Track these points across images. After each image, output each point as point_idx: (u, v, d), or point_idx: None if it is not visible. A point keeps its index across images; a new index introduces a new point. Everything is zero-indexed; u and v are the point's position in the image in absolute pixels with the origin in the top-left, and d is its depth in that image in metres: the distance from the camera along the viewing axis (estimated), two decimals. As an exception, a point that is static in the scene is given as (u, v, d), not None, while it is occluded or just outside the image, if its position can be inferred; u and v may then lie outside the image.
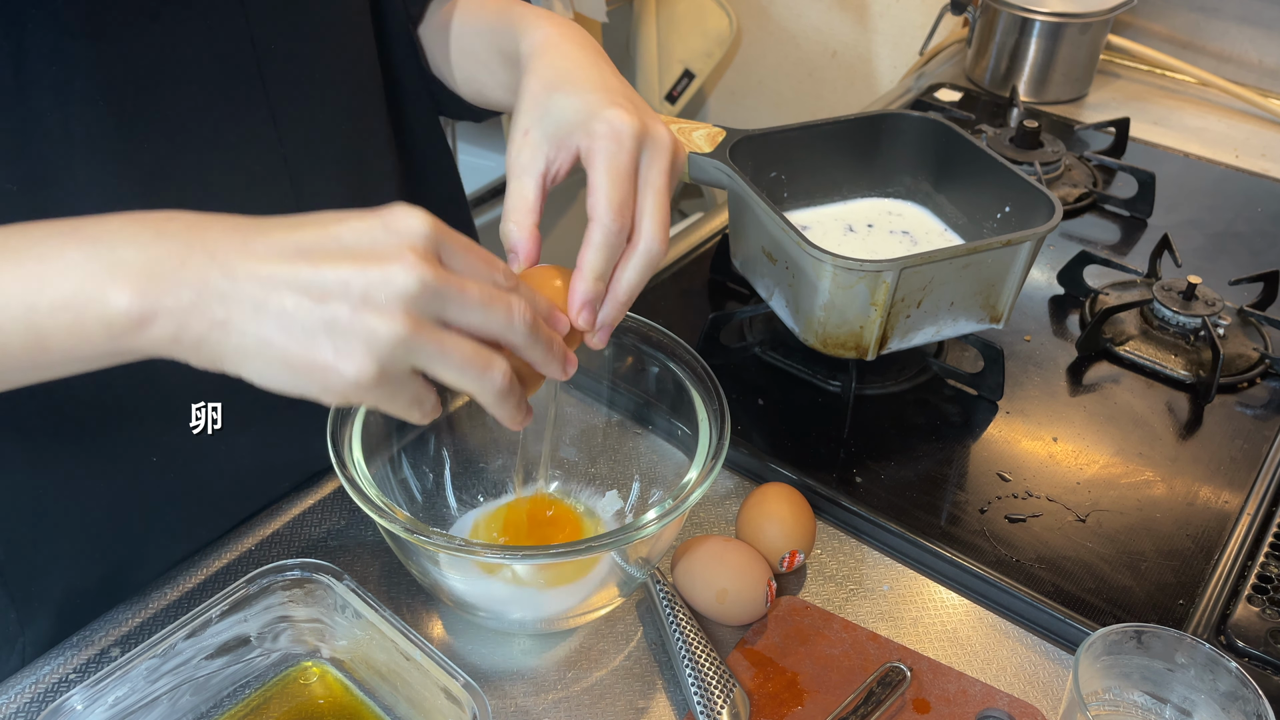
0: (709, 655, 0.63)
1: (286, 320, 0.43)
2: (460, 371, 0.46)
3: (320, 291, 0.43)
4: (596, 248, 0.54)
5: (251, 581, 0.59)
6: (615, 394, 0.74)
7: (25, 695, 0.62)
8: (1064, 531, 0.74)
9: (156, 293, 0.43)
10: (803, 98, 1.94)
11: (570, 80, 0.58)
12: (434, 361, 0.45)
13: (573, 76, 0.58)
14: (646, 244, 0.55)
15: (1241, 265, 1.02)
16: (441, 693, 0.56)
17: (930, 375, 0.87)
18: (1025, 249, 0.78)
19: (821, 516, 0.75)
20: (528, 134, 0.57)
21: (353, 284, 0.43)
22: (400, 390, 0.46)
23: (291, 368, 0.44)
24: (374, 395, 0.45)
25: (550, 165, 0.57)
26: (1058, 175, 1.15)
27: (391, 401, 0.46)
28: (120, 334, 0.44)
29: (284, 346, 0.44)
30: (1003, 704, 0.62)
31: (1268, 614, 0.68)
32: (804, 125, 0.90)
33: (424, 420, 0.49)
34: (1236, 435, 0.83)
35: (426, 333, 0.44)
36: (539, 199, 0.57)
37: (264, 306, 0.43)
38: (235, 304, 0.43)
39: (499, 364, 0.47)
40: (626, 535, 0.59)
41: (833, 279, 0.75)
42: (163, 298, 0.43)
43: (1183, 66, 1.37)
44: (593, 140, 0.55)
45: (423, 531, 0.57)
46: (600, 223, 0.54)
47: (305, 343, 0.43)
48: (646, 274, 0.56)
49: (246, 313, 0.43)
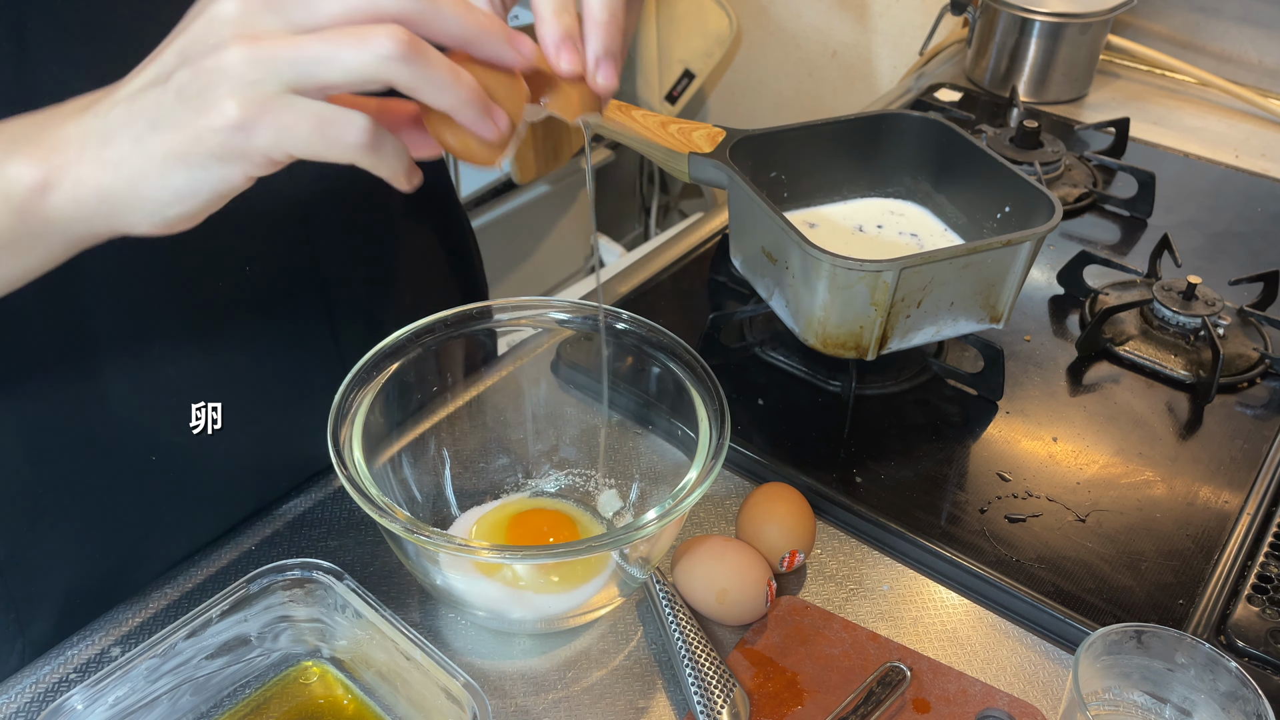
0: (709, 655, 0.63)
1: (152, 118, 0.42)
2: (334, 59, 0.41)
3: (162, 74, 0.42)
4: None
5: (252, 581, 0.59)
6: (615, 394, 0.74)
7: (25, 695, 0.62)
8: (1064, 531, 0.74)
9: (46, 154, 0.43)
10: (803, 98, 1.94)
11: None
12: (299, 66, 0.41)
13: None
14: None
15: (1241, 265, 1.02)
16: (441, 693, 0.56)
17: (930, 375, 0.87)
18: (1025, 249, 0.78)
19: (821, 516, 0.75)
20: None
21: (185, 47, 0.42)
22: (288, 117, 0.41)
23: (178, 158, 0.42)
24: (263, 136, 0.41)
25: None
26: (1058, 175, 1.15)
27: (290, 135, 0.42)
28: (24, 205, 0.44)
29: (159, 142, 0.42)
30: (1003, 704, 0.62)
31: (1268, 614, 0.68)
32: (804, 125, 0.90)
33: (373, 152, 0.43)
34: (1236, 435, 0.83)
35: (270, 41, 0.41)
36: None
37: (131, 119, 0.43)
38: (111, 135, 0.43)
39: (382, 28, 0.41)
40: (626, 535, 0.59)
41: (832, 279, 0.75)
42: (54, 158, 0.43)
43: (1182, 66, 1.37)
44: None
45: (423, 531, 0.57)
46: None
47: (175, 125, 0.42)
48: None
49: (124, 138, 0.43)
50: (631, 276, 0.97)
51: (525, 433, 0.75)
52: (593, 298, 0.70)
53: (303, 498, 0.75)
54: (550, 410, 0.77)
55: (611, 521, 0.72)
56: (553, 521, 0.71)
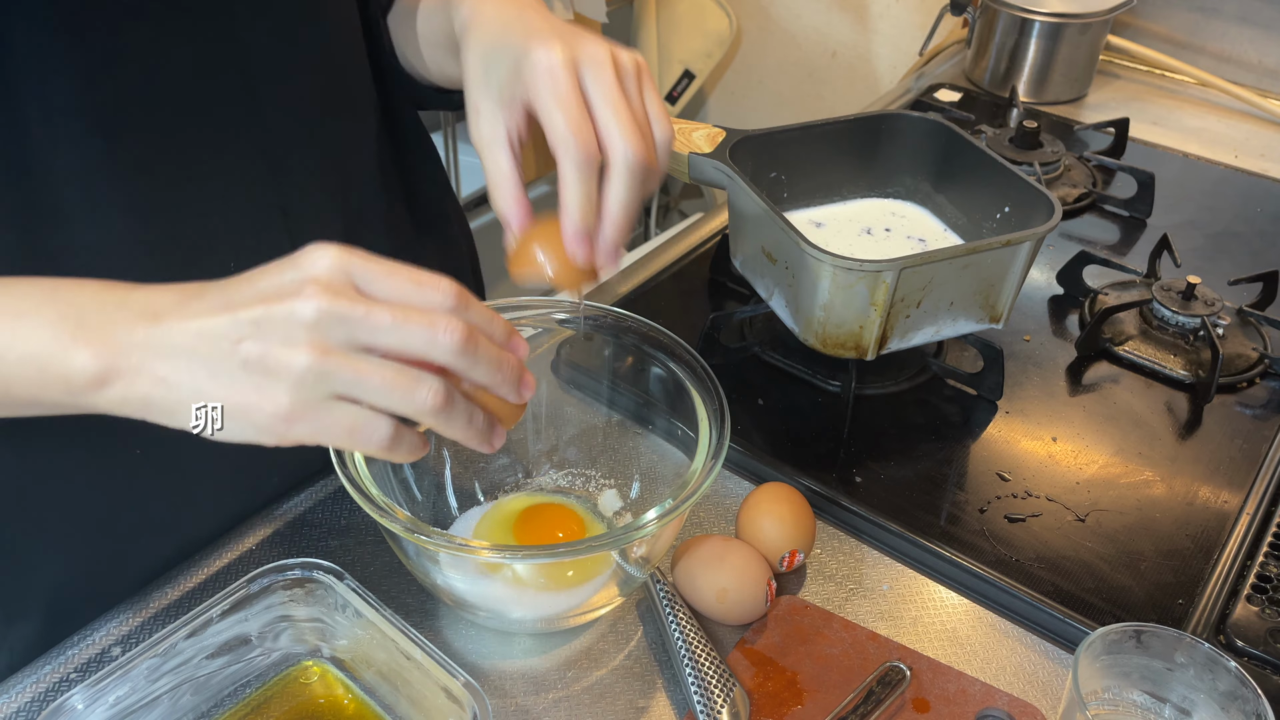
0: (709, 655, 0.63)
1: (213, 367, 0.46)
2: (385, 394, 0.46)
3: (236, 335, 0.46)
4: (569, 181, 0.53)
5: (252, 581, 0.59)
6: (615, 394, 0.74)
7: (25, 695, 0.62)
8: (1063, 531, 0.74)
9: (110, 355, 0.47)
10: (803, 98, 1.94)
11: (499, 40, 0.58)
12: (352, 386, 0.46)
13: (500, 36, 0.58)
14: (621, 153, 0.54)
15: (1241, 265, 1.02)
16: (442, 692, 0.56)
17: (930, 375, 0.87)
18: (1025, 249, 0.78)
19: (821, 516, 0.75)
20: (479, 109, 0.57)
21: (262, 322, 0.46)
22: (328, 421, 0.46)
23: (227, 414, 0.47)
24: (301, 429, 0.46)
25: (510, 129, 0.57)
26: (1057, 175, 1.15)
27: (324, 433, 0.47)
28: (78, 390, 0.48)
29: (214, 393, 0.46)
30: (1002, 703, 0.63)
31: (1267, 613, 0.68)
32: (804, 125, 0.90)
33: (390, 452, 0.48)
34: (1236, 435, 0.83)
35: (336, 359, 0.46)
36: (513, 166, 0.56)
37: (194, 357, 0.46)
38: (172, 360, 0.47)
39: (428, 382, 0.47)
40: (626, 535, 0.59)
41: (832, 279, 0.75)
42: (116, 359, 0.47)
43: (1182, 67, 1.37)
44: (529, 84, 0.55)
45: (423, 531, 0.57)
46: (563, 153, 0.53)
47: (230, 386, 0.46)
48: (635, 182, 0.54)
49: (181, 366, 0.47)
50: (631, 276, 0.97)
51: (525, 433, 0.76)
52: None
53: (303, 498, 0.75)
54: (550, 410, 0.77)
55: (611, 521, 0.72)
56: (561, 516, 0.71)
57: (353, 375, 0.46)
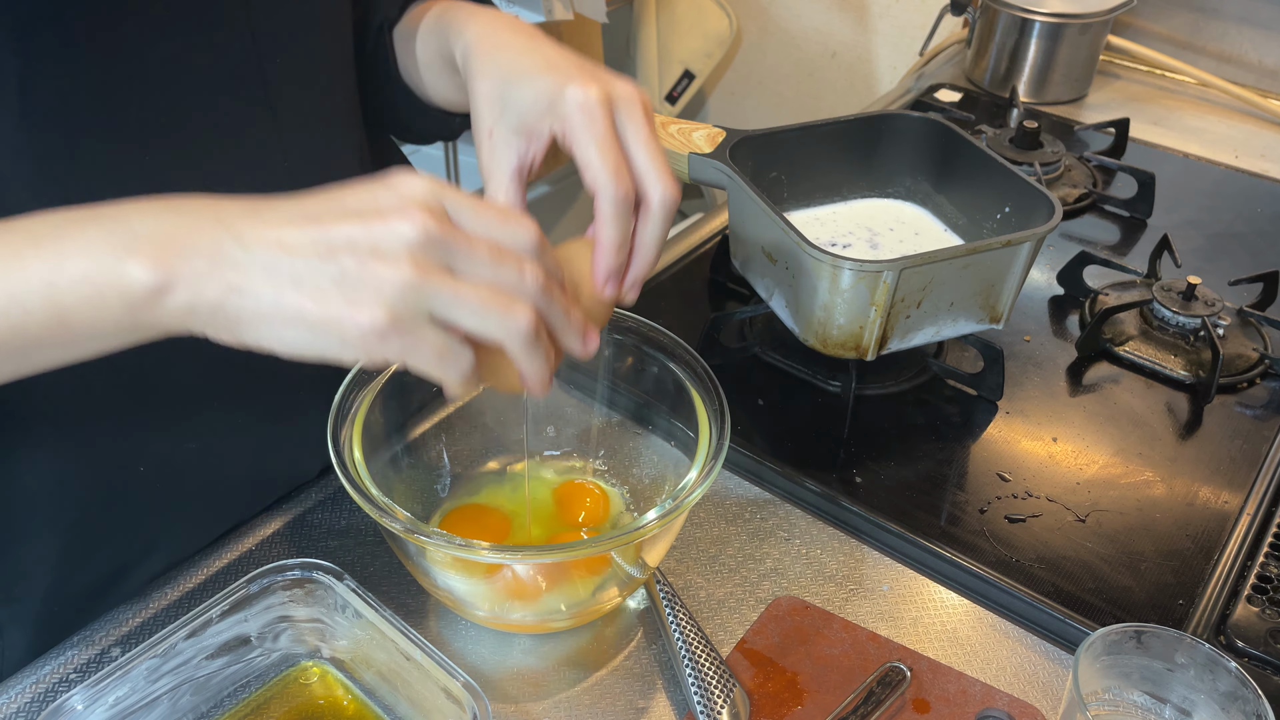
0: (709, 655, 0.63)
1: (298, 278, 0.45)
2: (481, 314, 0.46)
3: (328, 248, 0.45)
4: (609, 220, 0.55)
5: (252, 581, 0.59)
6: (615, 394, 0.74)
7: (25, 695, 0.62)
8: (1064, 531, 0.74)
9: (172, 261, 0.45)
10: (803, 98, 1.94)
11: (517, 70, 0.58)
12: (450, 306, 0.46)
13: (518, 66, 0.58)
14: (659, 197, 0.56)
15: (1241, 266, 1.02)
16: (441, 693, 0.56)
17: (930, 375, 0.87)
18: (1025, 249, 0.78)
19: (822, 516, 0.75)
20: (492, 134, 0.58)
21: (358, 238, 0.45)
22: (420, 340, 0.46)
23: (309, 324, 0.45)
24: (393, 346, 0.45)
25: (523, 158, 0.57)
26: (1057, 176, 1.15)
27: (414, 352, 0.46)
28: (139, 305, 0.45)
29: (298, 304, 0.45)
30: (1003, 704, 0.63)
31: (1267, 614, 0.68)
32: (804, 125, 0.90)
33: (458, 384, 0.48)
34: (1236, 435, 0.83)
35: (436, 277, 0.45)
36: (519, 194, 0.58)
37: (276, 267, 0.45)
38: (248, 268, 0.45)
39: (523, 305, 0.47)
40: (626, 535, 0.59)
41: (832, 279, 0.75)
42: (179, 265, 0.45)
43: (1182, 67, 1.37)
44: (565, 121, 0.55)
45: (423, 531, 0.57)
46: (605, 193, 0.54)
47: (318, 297, 0.45)
48: (669, 222, 0.57)
49: (259, 276, 0.45)
50: (631, 277, 0.97)
51: (525, 433, 0.75)
52: None
53: (303, 498, 0.75)
54: (550, 410, 0.77)
55: (611, 521, 0.72)
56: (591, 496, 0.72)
57: (452, 294, 0.45)
